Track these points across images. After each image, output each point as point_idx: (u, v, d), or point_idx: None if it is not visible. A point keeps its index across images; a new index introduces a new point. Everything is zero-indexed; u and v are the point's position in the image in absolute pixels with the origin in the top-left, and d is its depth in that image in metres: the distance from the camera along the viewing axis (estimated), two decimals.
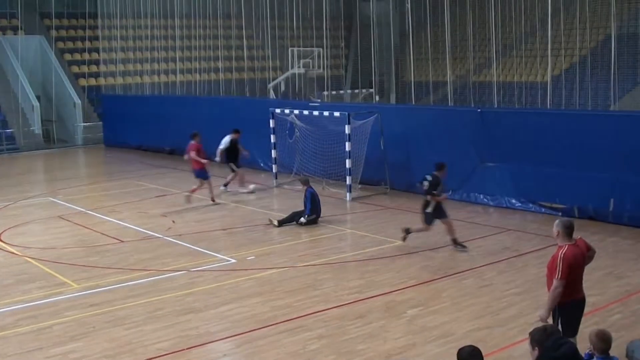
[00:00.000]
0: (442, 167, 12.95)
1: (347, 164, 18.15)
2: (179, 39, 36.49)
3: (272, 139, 20.77)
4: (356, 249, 13.52)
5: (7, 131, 32.09)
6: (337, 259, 12.84)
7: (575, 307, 7.34)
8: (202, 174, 18.06)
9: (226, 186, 19.51)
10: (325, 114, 19.19)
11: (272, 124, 20.64)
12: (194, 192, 18.03)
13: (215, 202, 17.99)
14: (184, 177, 22.33)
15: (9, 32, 35.57)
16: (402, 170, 18.70)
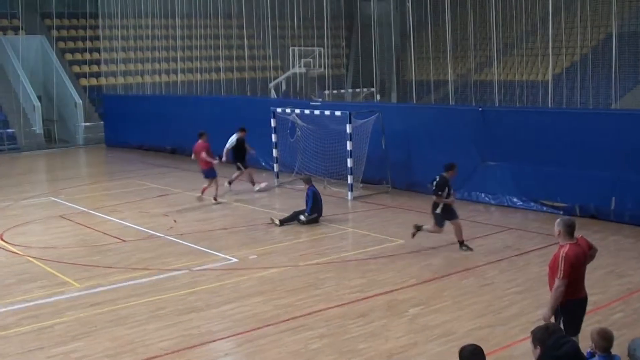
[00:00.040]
0: (450, 168, 12.66)
1: (349, 163, 18.15)
2: (180, 38, 36.49)
3: (274, 138, 20.77)
4: (358, 248, 13.53)
5: (8, 131, 32.11)
6: (338, 258, 12.84)
7: (577, 306, 7.33)
8: (210, 173, 18.08)
9: (230, 184, 19.50)
10: (326, 113, 19.20)
11: (273, 123, 20.65)
12: (205, 192, 18.06)
13: (217, 202, 18.01)
14: (186, 176, 22.40)
15: (10, 32, 35.56)
16: (403, 169, 18.71)
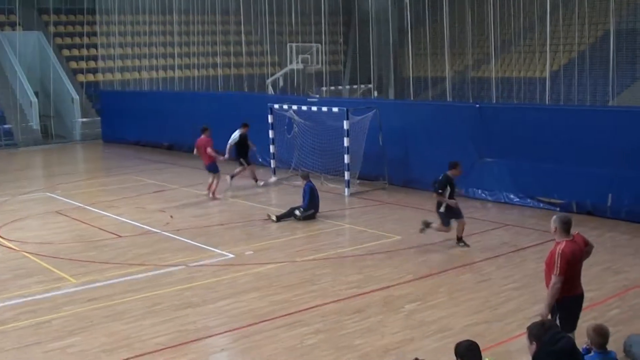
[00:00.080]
0: (454, 166, 12.50)
1: (346, 159, 18.14)
2: (177, 34, 36.45)
3: (271, 134, 20.76)
4: (354, 244, 13.52)
5: (5, 127, 32.02)
6: (335, 254, 12.84)
7: (573, 302, 7.33)
8: (213, 168, 18.06)
9: (232, 178, 19.46)
10: (323, 109, 19.19)
11: (270, 119, 20.64)
12: (211, 189, 18.04)
13: (215, 197, 17.98)
14: (183, 172, 22.39)
15: (7, 28, 35.48)
16: (400, 165, 18.70)
